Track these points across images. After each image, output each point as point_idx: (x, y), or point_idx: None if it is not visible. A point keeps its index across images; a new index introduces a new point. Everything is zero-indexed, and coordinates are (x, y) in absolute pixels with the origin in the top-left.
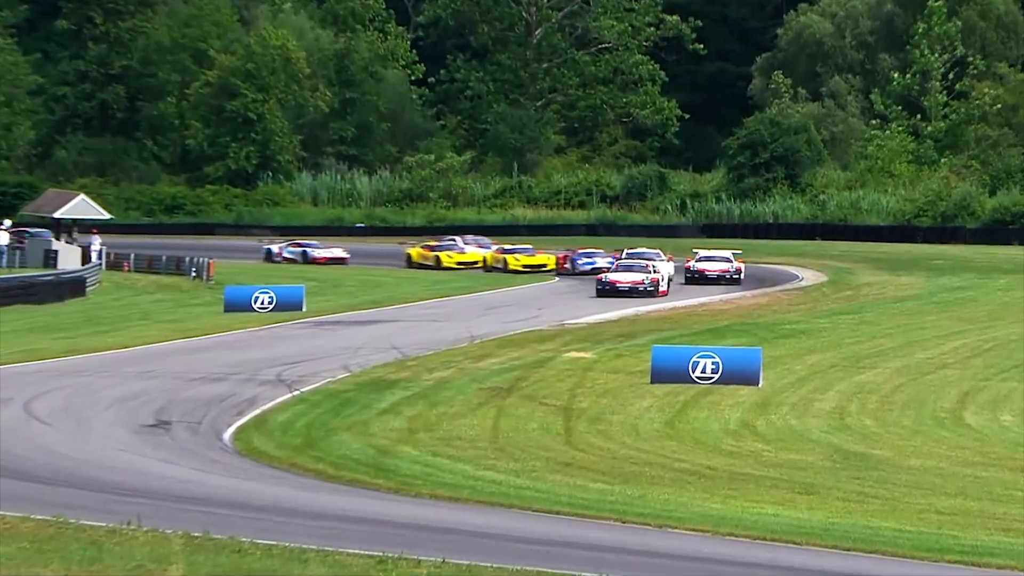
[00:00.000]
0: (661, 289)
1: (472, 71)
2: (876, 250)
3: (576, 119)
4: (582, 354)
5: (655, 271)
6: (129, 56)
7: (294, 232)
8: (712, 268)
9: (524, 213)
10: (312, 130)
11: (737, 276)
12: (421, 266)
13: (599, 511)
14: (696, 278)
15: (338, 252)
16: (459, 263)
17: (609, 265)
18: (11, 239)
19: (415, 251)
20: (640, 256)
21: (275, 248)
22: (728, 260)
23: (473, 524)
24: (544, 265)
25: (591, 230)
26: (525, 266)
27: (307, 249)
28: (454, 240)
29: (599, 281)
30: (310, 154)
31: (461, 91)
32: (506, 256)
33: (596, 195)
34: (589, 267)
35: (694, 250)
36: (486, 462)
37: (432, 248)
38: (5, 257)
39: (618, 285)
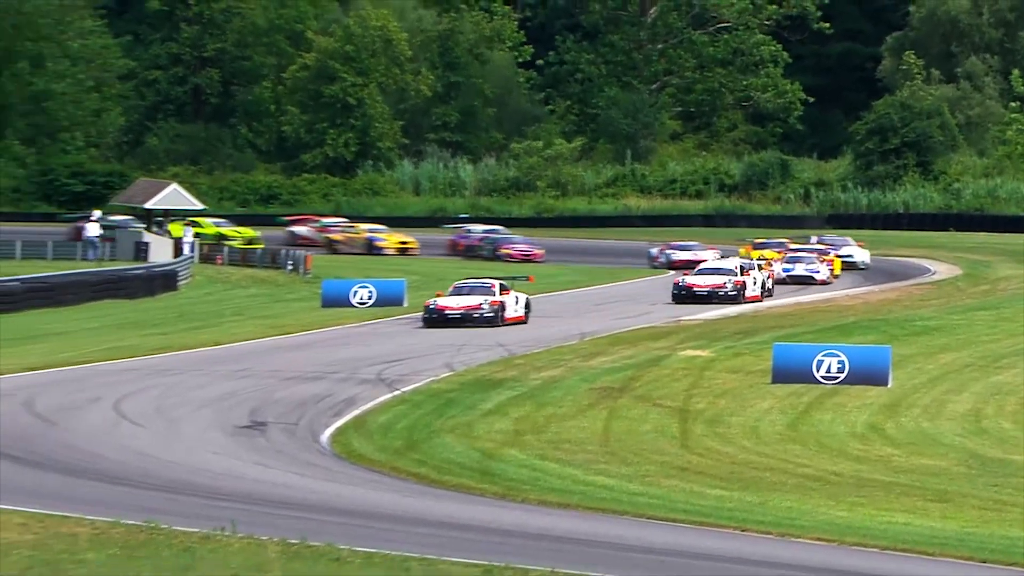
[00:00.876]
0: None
1: (582, 53)
2: (1015, 242)
3: (693, 103)
4: (699, 352)
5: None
6: (223, 38)
7: (397, 223)
8: (702, 284)
9: (637, 203)
10: (414, 116)
11: (736, 292)
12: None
13: (717, 519)
14: (684, 295)
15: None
16: None
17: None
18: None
19: None
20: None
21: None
22: (730, 273)
23: (583, 532)
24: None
25: (708, 221)
26: None
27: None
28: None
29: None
30: (412, 141)
31: (571, 74)
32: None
33: (714, 184)
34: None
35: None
36: (597, 466)
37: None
38: (97, 249)
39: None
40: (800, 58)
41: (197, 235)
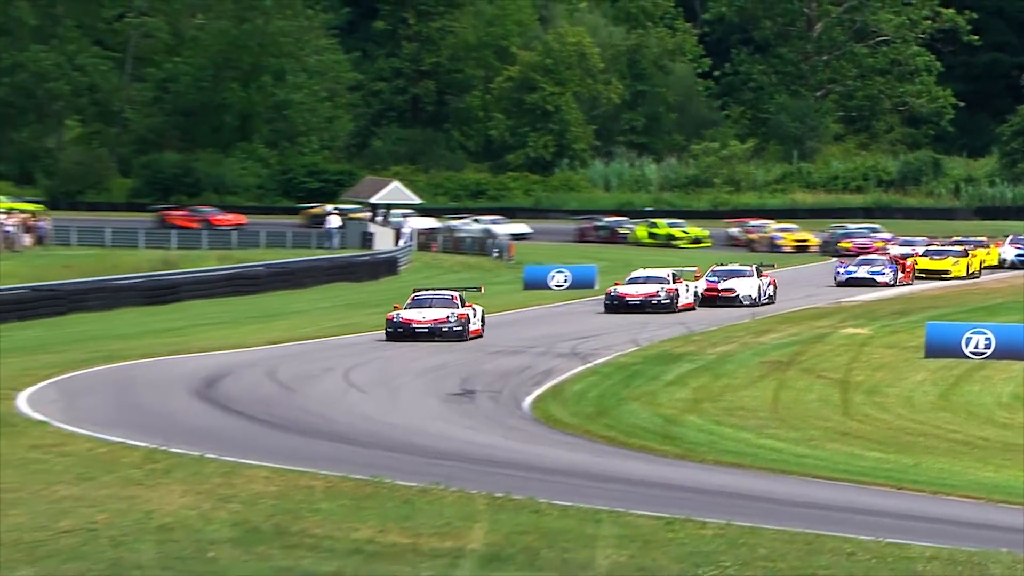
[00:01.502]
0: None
1: (755, 64)
2: None
3: (854, 108)
4: (858, 330)
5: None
6: (439, 53)
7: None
8: (635, 293)
9: (803, 197)
10: (605, 121)
11: (669, 301)
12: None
13: (875, 478)
14: (616, 305)
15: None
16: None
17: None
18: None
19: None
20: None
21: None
22: (662, 281)
23: (755, 489)
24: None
25: (867, 213)
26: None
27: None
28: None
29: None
30: (603, 143)
31: (744, 83)
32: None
33: (872, 180)
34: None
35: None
36: (767, 431)
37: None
38: (337, 239)
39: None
40: (951, 67)
41: (652, 235)
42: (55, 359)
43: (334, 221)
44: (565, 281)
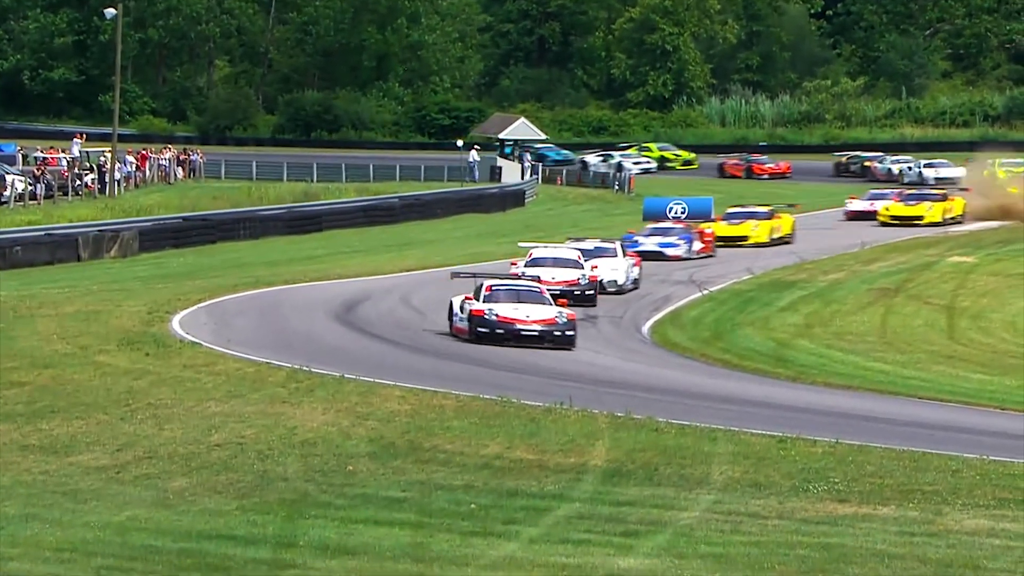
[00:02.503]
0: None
1: (866, 4)
2: None
3: (961, 46)
4: (964, 258)
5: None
6: None
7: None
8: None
9: (912, 132)
10: (721, 60)
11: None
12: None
13: (979, 399)
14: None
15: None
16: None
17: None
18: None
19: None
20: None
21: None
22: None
23: (863, 409)
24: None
25: (973, 147)
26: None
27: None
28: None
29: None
30: (719, 81)
31: (856, 22)
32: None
33: (979, 115)
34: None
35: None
36: (875, 354)
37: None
38: (477, 172)
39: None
40: None
41: (646, 157)
42: (206, 284)
43: (474, 155)
44: (682, 212)
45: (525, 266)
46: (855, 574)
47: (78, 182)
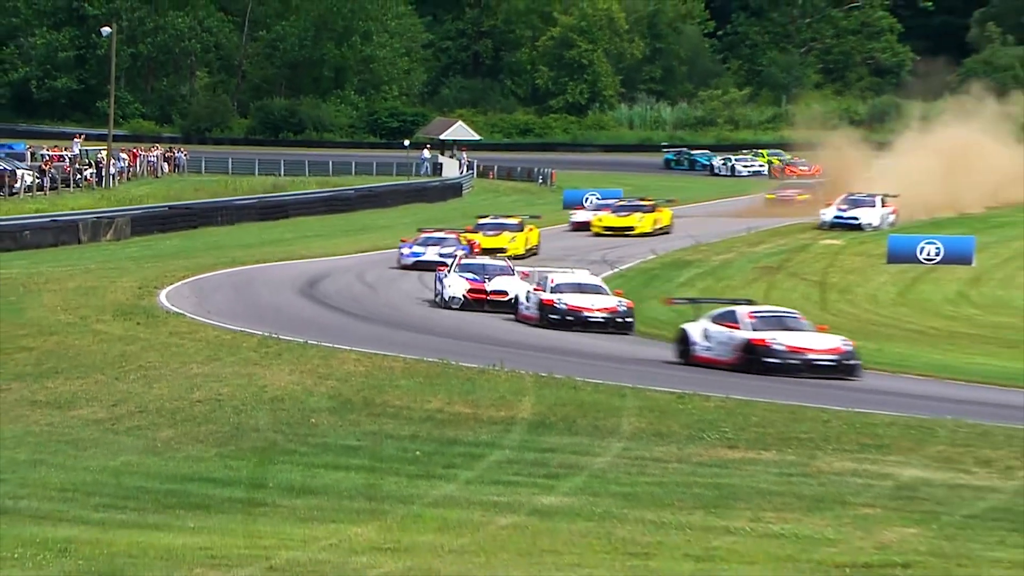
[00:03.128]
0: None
1: (751, 26)
2: None
3: (831, 61)
4: (833, 241)
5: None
6: (495, 18)
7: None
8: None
9: (789, 134)
10: (629, 72)
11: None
12: None
13: None
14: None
15: None
16: None
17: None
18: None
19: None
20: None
21: None
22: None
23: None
24: None
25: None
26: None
27: None
28: None
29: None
30: (627, 90)
31: (742, 41)
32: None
33: (845, 120)
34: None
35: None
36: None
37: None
38: (428, 167)
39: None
40: (910, 28)
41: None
42: (188, 264)
43: (426, 154)
44: (597, 201)
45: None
46: (742, 508)
47: (78, 176)
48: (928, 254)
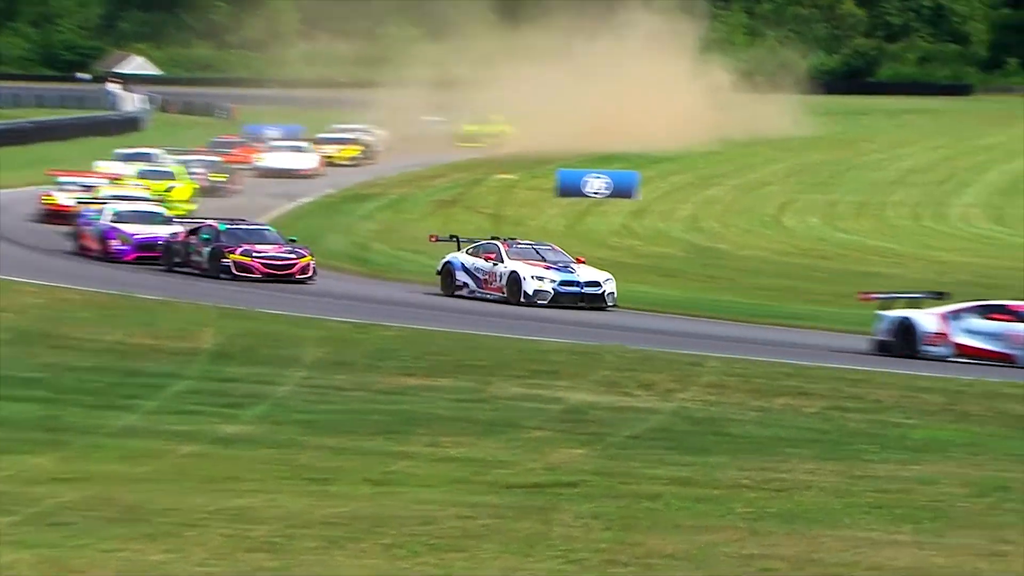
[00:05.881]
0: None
1: None
2: None
3: None
4: (508, 175)
5: None
6: None
7: None
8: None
9: None
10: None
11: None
12: None
13: None
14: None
15: None
16: None
17: None
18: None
19: None
20: None
21: None
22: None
23: (425, 301)
24: None
25: None
26: None
27: None
28: None
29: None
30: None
31: None
32: None
33: None
34: None
35: None
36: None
37: None
38: (116, 101)
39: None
40: None
41: None
42: None
43: (112, 87)
44: (277, 134)
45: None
46: (420, 433)
47: None
48: (596, 188)
